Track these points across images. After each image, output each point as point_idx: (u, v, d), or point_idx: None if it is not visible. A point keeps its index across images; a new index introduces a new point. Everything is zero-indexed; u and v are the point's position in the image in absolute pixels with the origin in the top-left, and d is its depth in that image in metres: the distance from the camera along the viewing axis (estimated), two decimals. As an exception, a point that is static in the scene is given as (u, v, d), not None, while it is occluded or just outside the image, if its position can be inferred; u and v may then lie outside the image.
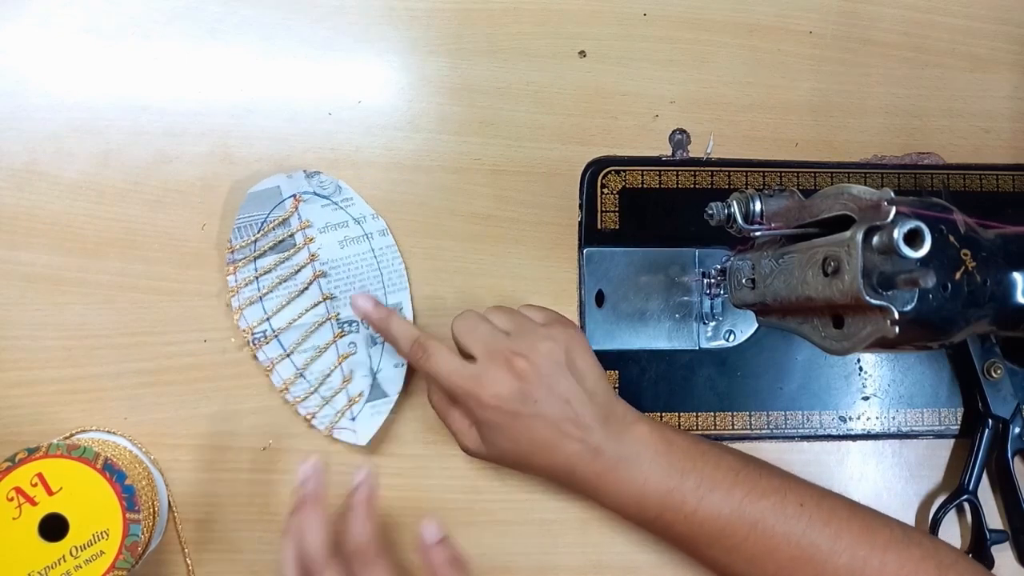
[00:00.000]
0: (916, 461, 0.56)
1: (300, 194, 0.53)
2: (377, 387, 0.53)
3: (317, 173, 0.53)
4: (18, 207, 0.53)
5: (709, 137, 0.56)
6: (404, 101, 0.56)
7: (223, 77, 0.55)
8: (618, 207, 0.55)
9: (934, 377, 0.56)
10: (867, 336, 0.37)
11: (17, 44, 0.54)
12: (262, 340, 0.52)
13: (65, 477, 0.46)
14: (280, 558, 0.44)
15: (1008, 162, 0.58)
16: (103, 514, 0.46)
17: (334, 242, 0.53)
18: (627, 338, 0.55)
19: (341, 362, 0.53)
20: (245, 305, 0.52)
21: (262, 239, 0.53)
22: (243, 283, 0.52)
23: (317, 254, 0.53)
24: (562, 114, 0.56)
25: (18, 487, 0.46)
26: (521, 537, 0.54)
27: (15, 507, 0.46)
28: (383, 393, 0.53)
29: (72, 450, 0.47)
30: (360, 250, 0.54)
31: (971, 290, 0.38)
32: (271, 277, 0.53)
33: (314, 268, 0.53)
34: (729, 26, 0.57)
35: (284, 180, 0.53)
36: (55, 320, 0.53)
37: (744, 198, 0.44)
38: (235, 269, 0.52)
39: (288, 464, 0.53)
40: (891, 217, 0.35)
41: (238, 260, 0.52)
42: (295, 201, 0.53)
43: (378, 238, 0.54)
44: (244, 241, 0.52)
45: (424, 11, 0.56)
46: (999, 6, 0.59)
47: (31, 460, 0.46)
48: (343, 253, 0.53)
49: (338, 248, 0.53)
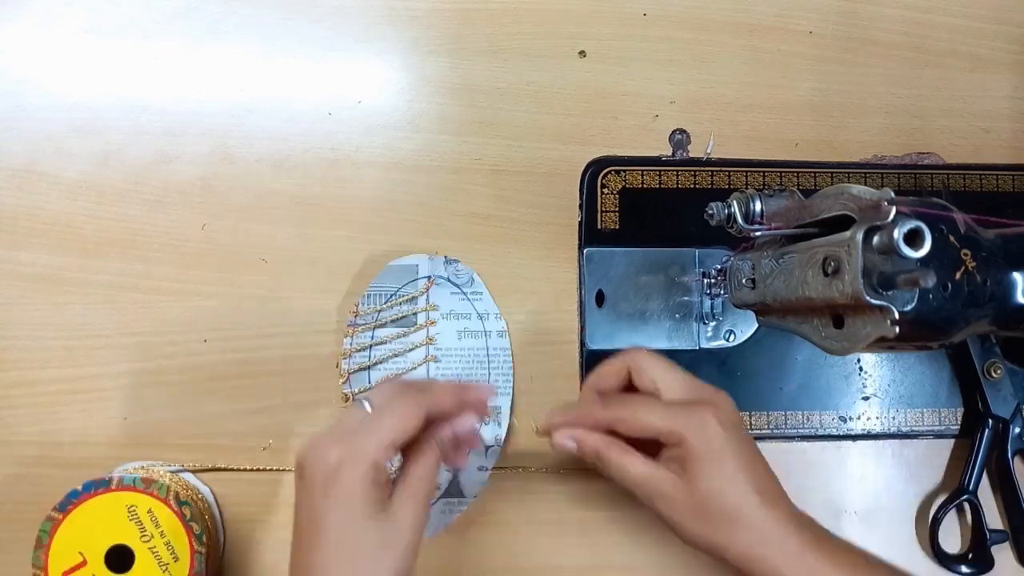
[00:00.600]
0: (916, 461, 0.56)
1: (435, 277, 0.54)
2: (455, 485, 0.53)
3: (456, 261, 0.54)
4: (18, 207, 0.53)
5: (709, 137, 0.56)
6: (404, 101, 0.56)
7: (223, 77, 0.55)
8: (618, 207, 0.55)
9: (934, 377, 0.56)
10: (867, 336, 0.37)
11: (17, 44, 0.54)
12: None
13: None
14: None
15: (1008, 162, 0.58)
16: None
17: (453, 331, 0.54)
18: (627, 338, 0.55)
19: None
20: (354, 370, 0.53)
21: (387, 311, 0.53)
22: (356, 348, 0.53)
23: (434, 338, 0.54)
24: (562, 114, 0.56)
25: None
26: (521, 537, 0.54)
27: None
28: (460, 493, 0.53)
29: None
30: (475, 345, 0.54)
31: (971, 290, 0.38)
32: (385, 349, 0.53)
33: (427, 351, 0.53)
34: (729, 26, 0.57)
35: (425, 261, 0.54)
36: (55, 320, 0.53)
37: (744, 198, 0.44)
38: (353, 333, 0.53)
39: (288, 463, 0.53)
40: (891, 217, 0.35)
41: (359, 325, 0.53)
42: (428, 283, 0.53)
43: (495, 338, 0.54)
44: (369, 309, 0.53)
45: (424, 11, 0.56)
46: (999, 6, 0.59)
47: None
48: (459, 344, 0.54)
49: (455, 338, 0.54)
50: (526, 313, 0.55)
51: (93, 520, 0.47)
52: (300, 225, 0.54)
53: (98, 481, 0.47)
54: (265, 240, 0.54)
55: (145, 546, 0.47)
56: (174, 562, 0.47)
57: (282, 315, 0.54)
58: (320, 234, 0.54)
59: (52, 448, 0.52)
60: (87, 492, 0.47)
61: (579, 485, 0.54)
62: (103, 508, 0.47)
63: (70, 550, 0.46)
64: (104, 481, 0.47)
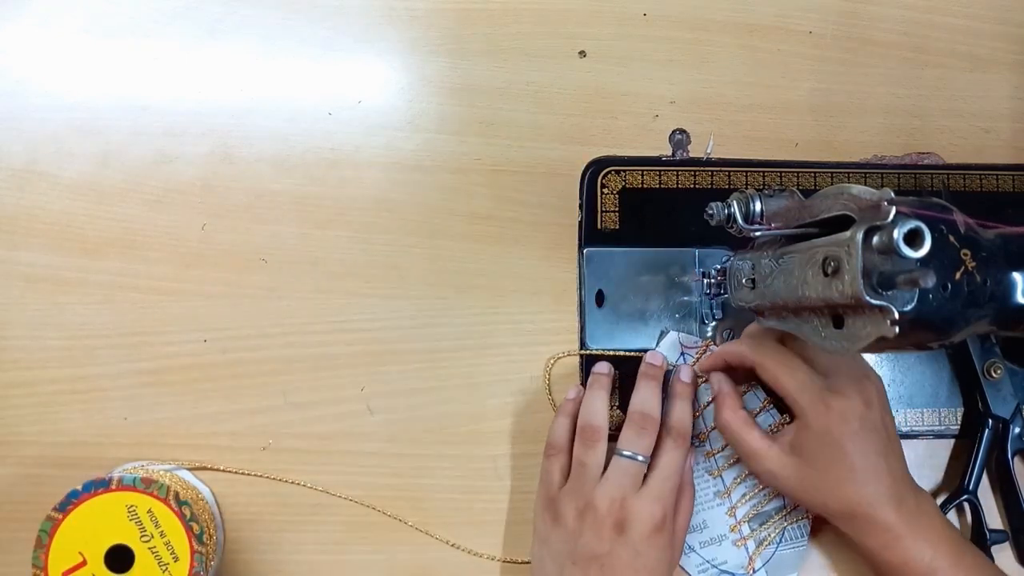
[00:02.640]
0: (916, 461, 0.56)
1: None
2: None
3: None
4: (18, 207, 0.53)
5: (709, 137, 0.56)
6: (404, 101, 0.56)
7: (223, 77, 0.55)
8: (618, 207, 0.55)
9: (934, 377, 0.56)
10: (867, 336, 0.37)
11: (17, 44, 0.54)
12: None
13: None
14: (552, 427, 0.52)
15: (1008, 162, 0.58)
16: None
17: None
18: (627, 338, 0.55)
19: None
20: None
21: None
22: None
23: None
24: (562, 114, 0.56)
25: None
26: (522, 537, 0.54)
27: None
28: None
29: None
30: None
31: (971, 290, 0.38)
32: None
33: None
34: (729, 26, 0.57)
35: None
36: (55, 320, 0.53)
37: (744, 198, 0.44)
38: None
39: (288, 463, 0.53)
40: (891, 217, 0.35)
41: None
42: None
43: None
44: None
45: (424, 11, 0.56)
46: (999, 6, 0.59)
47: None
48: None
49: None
50: (526, 313, 0.55)
51: (93, 520, 0.47)
52: (300, 225, 0.54)
53: (98, 481, 0.47)
54: (265, 240, 0.54)
55: (145, 546, 0.47)
56: (174, 562, 0.47)
57: (282, 315, 0.54)
58: (320, 234, 0.54)
59: (52, 448, 0.52)
60: (87, 492, 0.47)
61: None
62: (103, 508, 0.47)
63: (70, 550, 0.46)
64: (104, 481, 0.47)
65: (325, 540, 0.53)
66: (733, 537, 0.52)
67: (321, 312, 0.54)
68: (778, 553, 0.52)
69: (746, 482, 0.53)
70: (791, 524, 0.53)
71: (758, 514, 0.53)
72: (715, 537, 0.53)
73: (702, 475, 0.53)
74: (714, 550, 0.52)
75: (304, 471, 0.53)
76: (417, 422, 0.54)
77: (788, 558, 0.52)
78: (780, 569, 0.52)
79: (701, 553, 0.52)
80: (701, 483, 0.53)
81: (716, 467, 0.53)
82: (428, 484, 0.54)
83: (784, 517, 0.52)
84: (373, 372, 0.54)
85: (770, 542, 0.52)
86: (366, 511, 0.53)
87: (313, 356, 0.54)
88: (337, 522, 0.53)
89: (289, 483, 0.53)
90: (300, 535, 0.53)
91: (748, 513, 0.53)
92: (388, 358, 0.54)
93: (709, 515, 0.53)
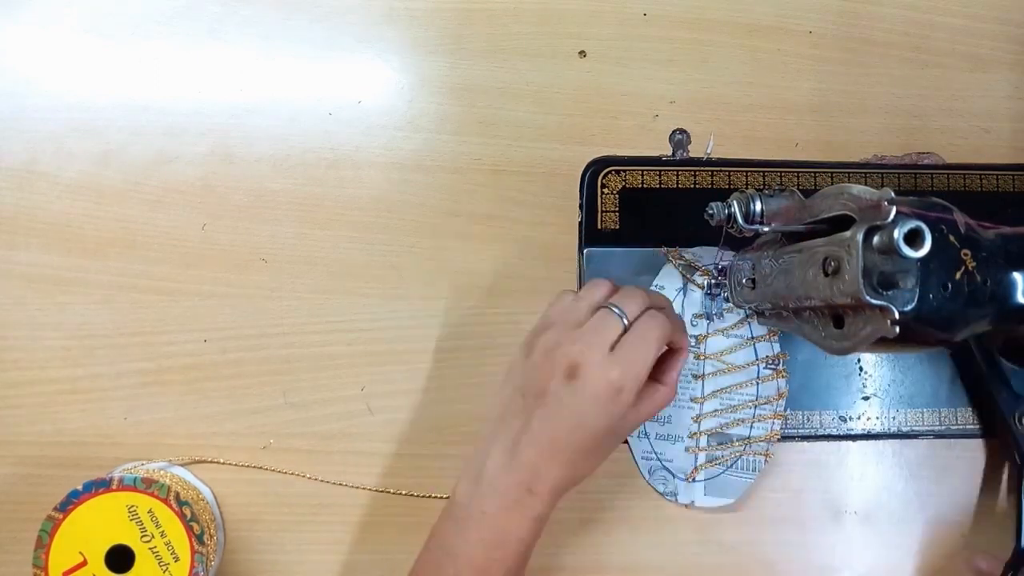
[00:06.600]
0: (916, 461, 0.56)
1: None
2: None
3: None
4: (18, 207, 0.53)
5: (709, 137, 0.56)
6: (404, 101, 0.56)
7: (223, 77, 0.55)
8: (618, 207, 0.55)
9: (934, 377, 0.56)
10: (867, 336, 0.37)
11: (17, 44, 0.54)
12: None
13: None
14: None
15: (1008, 162, 0.58)
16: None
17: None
18: (627, 338, 0.55)
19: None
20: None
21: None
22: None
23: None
24: (562, 114, 0.56)
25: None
26: (521, 537, 0.54)
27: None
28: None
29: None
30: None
31: (971, 290, 0.38)
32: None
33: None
34: (729, 26, 0.57)
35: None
36: (55, 320, 0.53)
37: (744, 198, 0.44)
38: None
39: (288, 463, 0.53)
40: (891, 217, 0.35)
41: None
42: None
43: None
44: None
45: (424, 11, 0.56)
46: (999, 6, 0.59)
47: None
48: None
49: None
50: (526, 313, 0.55)
51: (93, 520, 0.47)
52: (300, 225, 0.54)
53: (98, 481, 0.47)
54: (265, 240, 0.54)
55: (145, 546, 0.47)
56: (174, 562, 0.47)
57: (282, 315, 0.54)
58: (320, 234, 0.54)
59: (52, 448, 0.52)
60: (87, 492, 0.47)
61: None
62: (103, 508, 0.47)
63: (70, 550, 0.46)
64: (104, 481, 0.47)
65: (325, 540, 0.53)
66: (689, 443, 0.53)
67: (321, 312, 0.54)
68: (724, 476, 0.53)
69: (721, 397, 0.53)
70: (749, 456, 0.53)
71: (721, 433, 0.53)
72: (673, 435, 0.53)
73: (686, 375, 0.53)
74: (666, 446, 0.53)
75: (304, 471, 0.53)
76: (417, 422, 0.54)
77: (731, 484, 0.53)
78: (720, 490, 0.53)
79: (653, 443, 0.53)
80: (683, 382, 0.52)
81: (702, 372, 0.53)
82: (428, 484, 0.54)
83: (745, 447, 0.53)
84: (373, 372, 0.54)
85: (720, 463, 0.52)
86: (366, 511, 0.53)
87: (313, 356, 0.54)
88: (337, 522, 0.53)
89: (290, 474, 0.53)
90: (300, 535, 0.53)
91: (712, 428, 0.53)
92: (388, 358, 0.54)
93: (676, 413, 0.53)
